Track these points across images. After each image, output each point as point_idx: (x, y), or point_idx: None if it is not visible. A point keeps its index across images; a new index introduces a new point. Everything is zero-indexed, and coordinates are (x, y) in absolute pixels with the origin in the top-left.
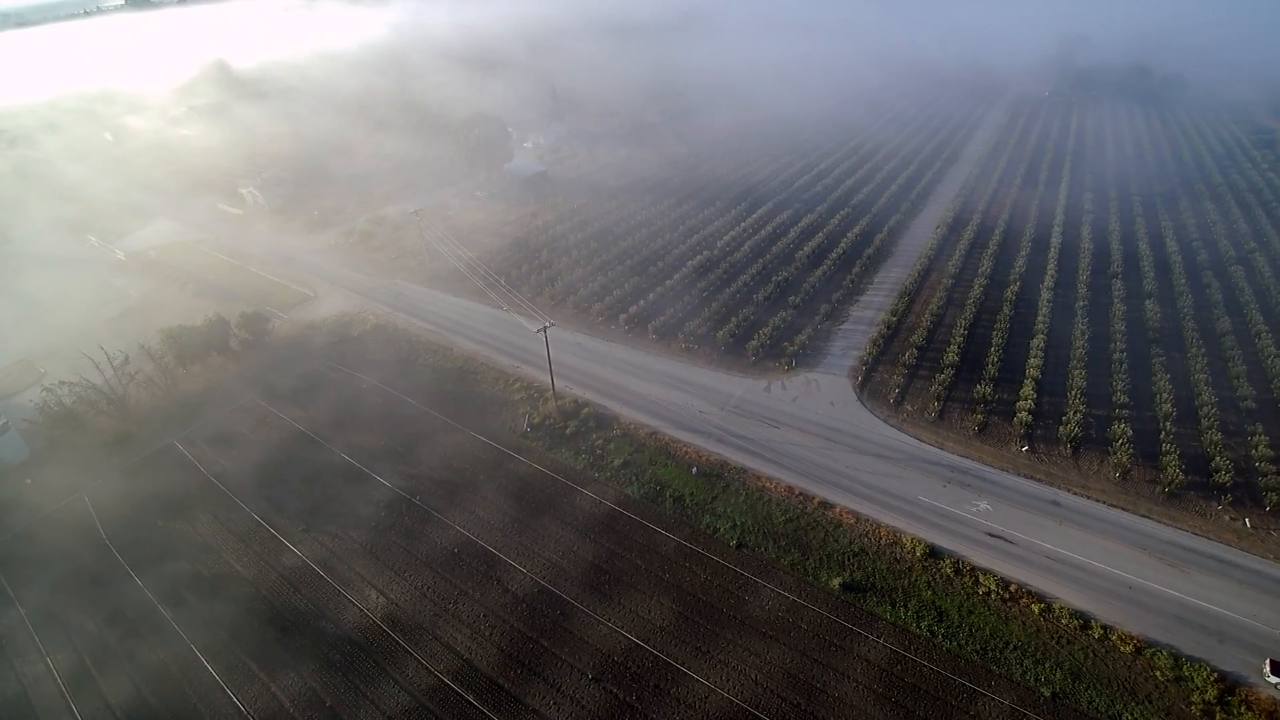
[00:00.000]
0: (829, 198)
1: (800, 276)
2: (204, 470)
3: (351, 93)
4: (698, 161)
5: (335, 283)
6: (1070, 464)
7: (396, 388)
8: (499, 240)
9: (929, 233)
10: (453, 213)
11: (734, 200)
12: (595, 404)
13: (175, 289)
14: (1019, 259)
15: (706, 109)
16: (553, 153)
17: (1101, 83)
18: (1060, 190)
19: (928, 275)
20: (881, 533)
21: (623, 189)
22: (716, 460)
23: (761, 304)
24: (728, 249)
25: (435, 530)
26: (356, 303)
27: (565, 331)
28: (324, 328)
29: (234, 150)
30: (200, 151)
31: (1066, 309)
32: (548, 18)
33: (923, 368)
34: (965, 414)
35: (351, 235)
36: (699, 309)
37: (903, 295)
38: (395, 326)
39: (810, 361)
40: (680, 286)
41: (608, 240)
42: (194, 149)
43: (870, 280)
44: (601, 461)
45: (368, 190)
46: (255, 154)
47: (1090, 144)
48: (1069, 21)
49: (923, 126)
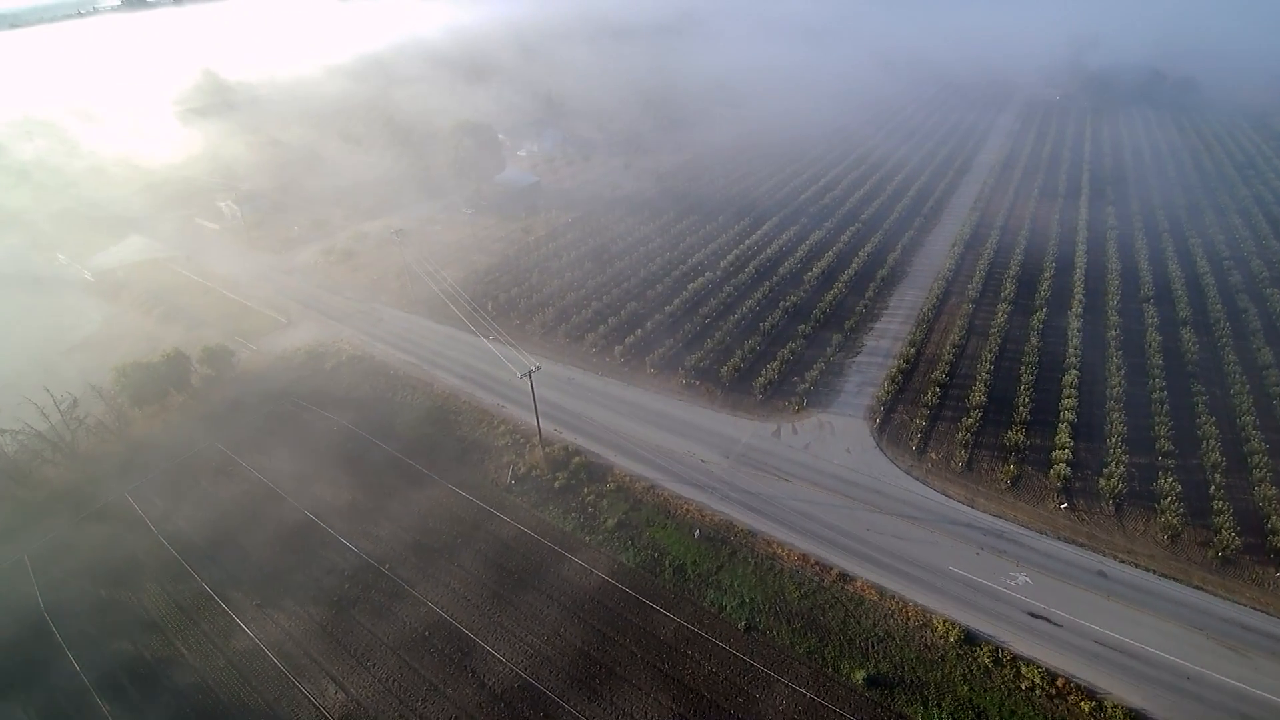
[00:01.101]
0: (837, 212)
1: (810, 301)
2: (154, 529)
3: (337, 100)
4: (699, 171)
5: (310, 306)
6: (1114, 524)
7: (370, 430)
8: (488, 259)
9: (944, 250)
10: (440, 228)
11: (737, 214)
12: (587, 451)
13: (141, 313)
14: (1043, 281)
15: (707, 115)
16: (547, 162)
17: (1114, 86)
18: (1080, 202)
19: (946, 299)
20: (909, 613)
21: (620, 201)
22: (721, 521)
23: (768, 333)
24: (731, 269)
25: (405, 607)
26: (332, 330)
27: (556, 364)
28: (295, 360)
29: (214, 160)
30: (180, 162)
31: (1098, 339)
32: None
33: (946, 408)
34: (996, 464)
35: (331, 253)
36: (701, 339)
37: (920, 322)
38: (372, 358)
39: (823, 400)
40: (680, 312)
41: (603, 260)
42: (173, 159)
43: (885, 304)
44: (593, 522)
45: (352, 203)
46: (235, 164)
47: (1107, 151)
48: (1077, 23)
49: (932, 133)
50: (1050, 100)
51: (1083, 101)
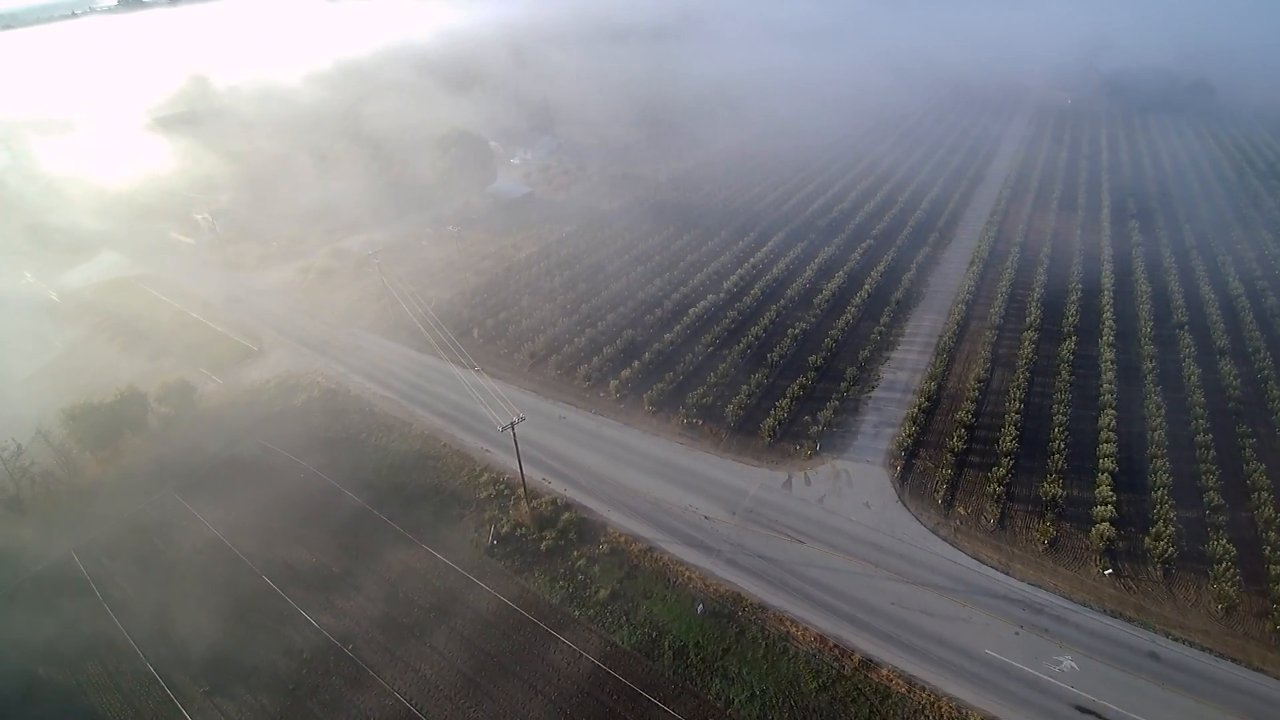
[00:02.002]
0: (847, 227)
1: (820, 327)
2: (99, 594)
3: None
4: (700, 181)
5: (284, 332)
6: (1163, 592)
7: (341, 479)
8: (476, 278)
9: (961, 270)
10: (427, 244)
11: (740, 230)
12: (577, 506)
13: (105, 339)
14: (1070, 305)
15: (708, 121)
16: (541, 171)
17: (1128, 90)
18: (1102, 216)
19: (966, 326)
20: (943, 708)
21: (617, 214)
22: (728, 592)
23: (776, 365)
24: (735, 292)
25: (368, 697)
26: (305, 360)
27: (545, 401)
28: (264, 394)
29: (192, 170)
30: (157, 172)
31: (1133, 371)
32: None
33: (974, 452)
34: (1031, 520)
35: (308, 272)
36: (703, 371)
37: (941, 352)
38: (347, 393)
39: (838, 444)
40: (681, 342)
41: (598, 281)
42: (150, 168)
43: (901, 331)
44: (584, 592)
45: (335, 216)
46: (214, 175)
47: (1125, 160)
48: (1086, 23)
49: (942, 140)
50: (1062, 104)
51: (1096, 106)
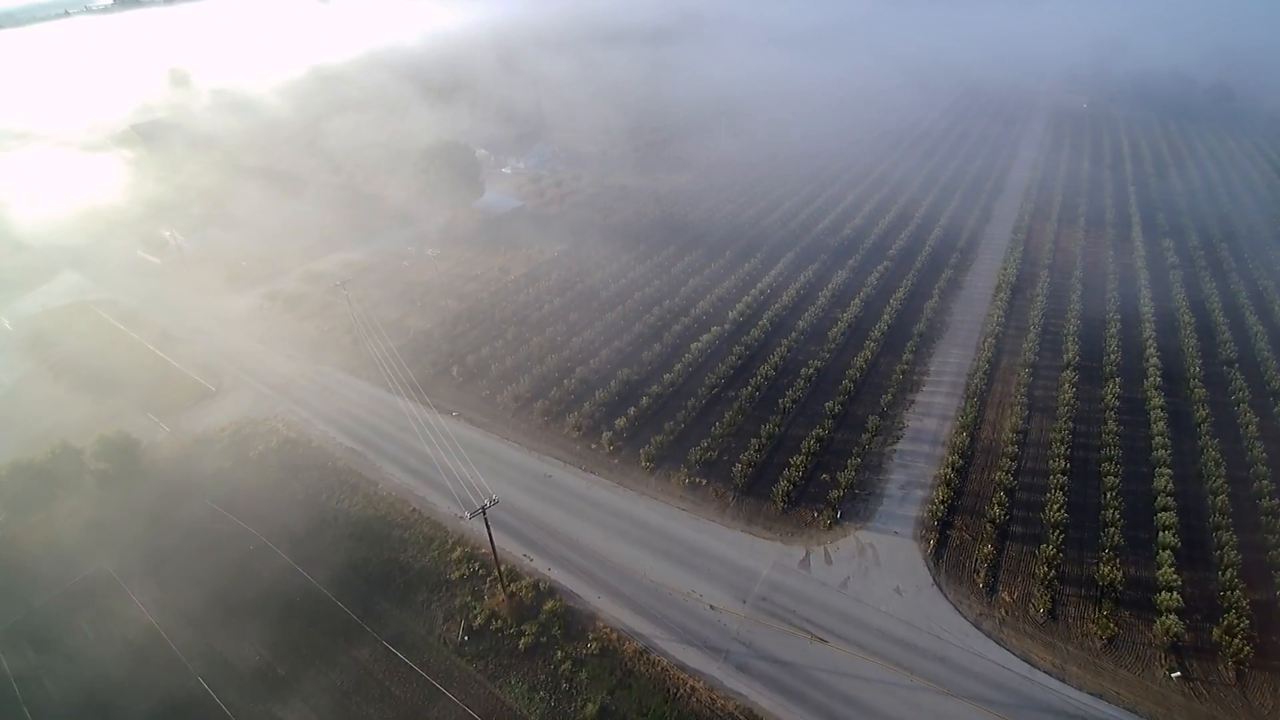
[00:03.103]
0: (860, 246)
1: (836, 365)
2: (19, 692)
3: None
4: (701, 192)
5: (246, 369)
6: (1238, 700)
7: (295, 552)
8: (458, 304)
9: (987, 297)
10: (408, 264)
11: (746, 250)
12: (563, 590)
13: (53, 375)
14: (1109, 339)
15: (710, 128)
16: (533, 183)
17: (1145, 94)
18: (1133, 234)
19: (997, 362)
20: None
21: (613, 231)
22: (740, 708)
23: (789, 412)
24: (742, 322)
25: None
26: (265, 403)
27: (529, 456)
28: (217, 444)
29: (165, 181)
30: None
31: (1184, 419)
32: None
33: (1016, 521)
34: (1086, 609)
35: (276, 298)
36: (707, 418)
37: (971, 396)
38: (308, 443)
39: (861, 510)
40: (682, 382)
41: (591, 309)
42: (121, 179)
43: (925, 369)
44: (568, 706)
45: (311, 232)
46: (187, 187)
47: (1150, 169)
48: (1097, 25)
49: (956, 148)
50: (1078, 109)
51: (1113, 111)
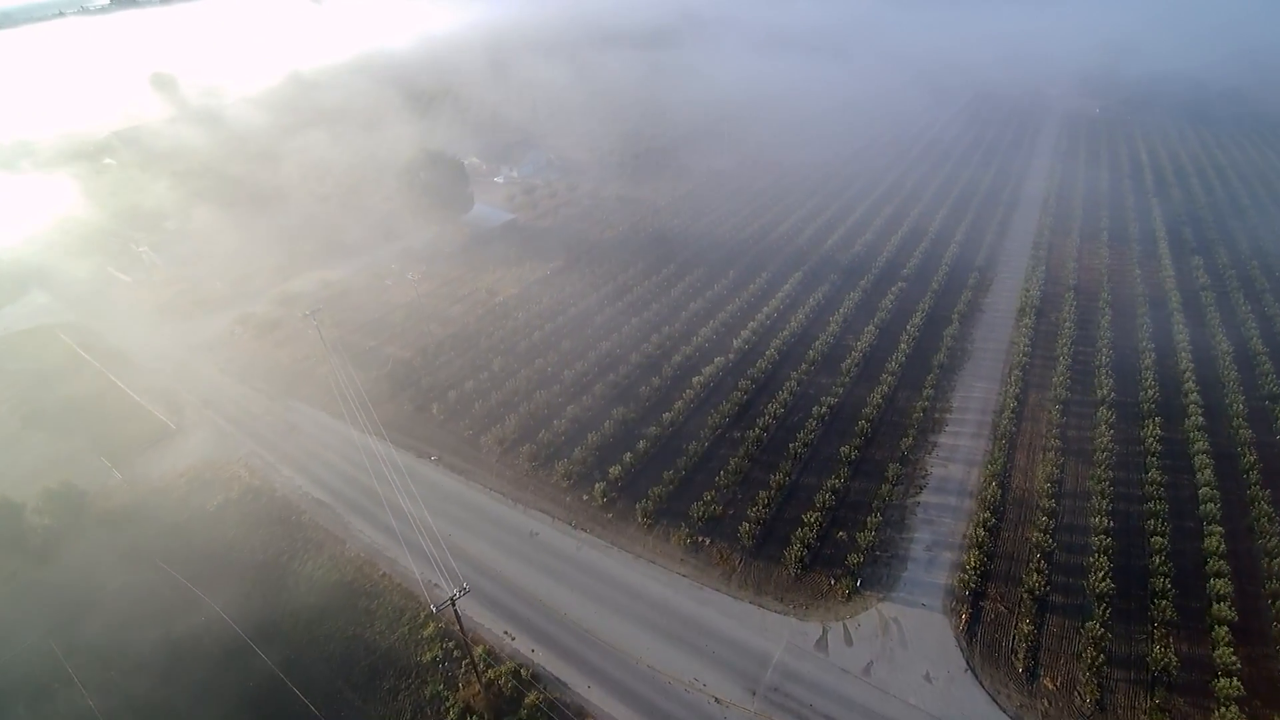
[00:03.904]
0: (873, 266)
1: (851, 402)
2: None
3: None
4: (702, 204)
5: (210, 403)
6: None
7: (249, 626)
8: (443, 331)
9: (1010, 322)
10: (391, 283)
11: (750, 269)
12: (548, 678)
13: (7, 410)
14: (1144, 370)
15: (711, 135)
16: (526, 194)
17: (1158, 98)
18: (1159, 251)
19: (1025, 397)
20: None
21: (609, 247)
22: None
23: (800, 457)
24: (747, 351)
25: None
26: (228, 444)
27: (514, 510)
28: (174, 493)
29: (145, 191)
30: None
31: (1231, 464)
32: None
33: (1056, 587)
34: (1137, 696)
35: (248, 323)
36: (710, 466)
37: (999, 437)
38: (272, 493)
39: (883, 577)
40: (683, 422)
41: (585, 336)
42: (101, 189)
43: (948, 405)
44: None
45: (290, 248)
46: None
47: (1171, 179)
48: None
49: (967, 156)
50: (1090, 114)
51: (1126, 116)
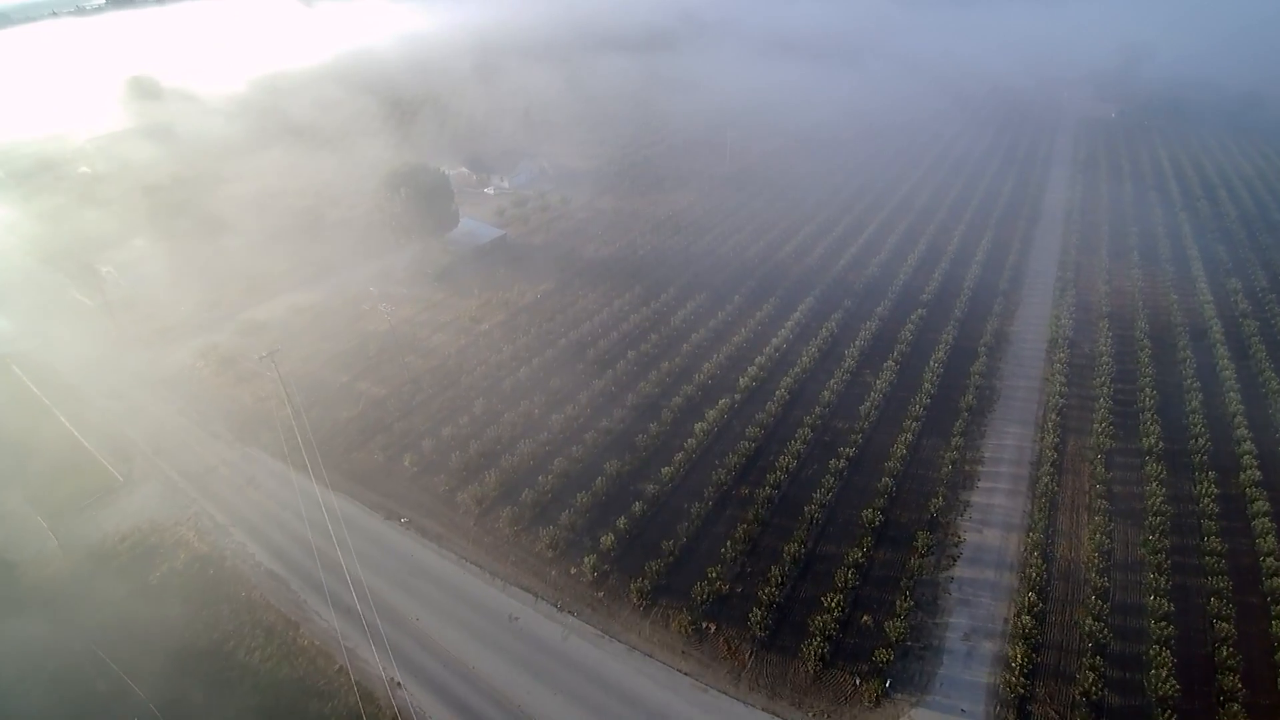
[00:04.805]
0: (889, 290)
1: (871, 453)
2: None
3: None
4: (704, 217)
5: (162, 450)
6: None
7: None
8: (422, 364)
9: (1041, 354)
10: (368, 308)
11: (757, 293)
12: None
13: None
14: (1192, 414)
15: (713, 143)
16: (517, 206)
17: (1177, 103)
18: (1194, 272)
19: (1064, 446)
20: None
21: (604, 267)
22: None
23: (816, 522)
24: (755, 389)
25: None
26: (178, 500)
27: (491, 586)
28: (114, 561)
29: (117, 204)
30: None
31: None
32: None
33: (1112, 688)
34: None
35: (210, 356)
36: (714, 532)
37: (1039, 496)
38: (221, 563)
39: (915, 674)
40: (682, 479)
41: (576, 373)
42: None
43: (978, 455)
44: None
45: (261, 269)
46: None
47: (1197, 189)
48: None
49: (983, 164)
50: (1106, 118)
51: (1145, 121)
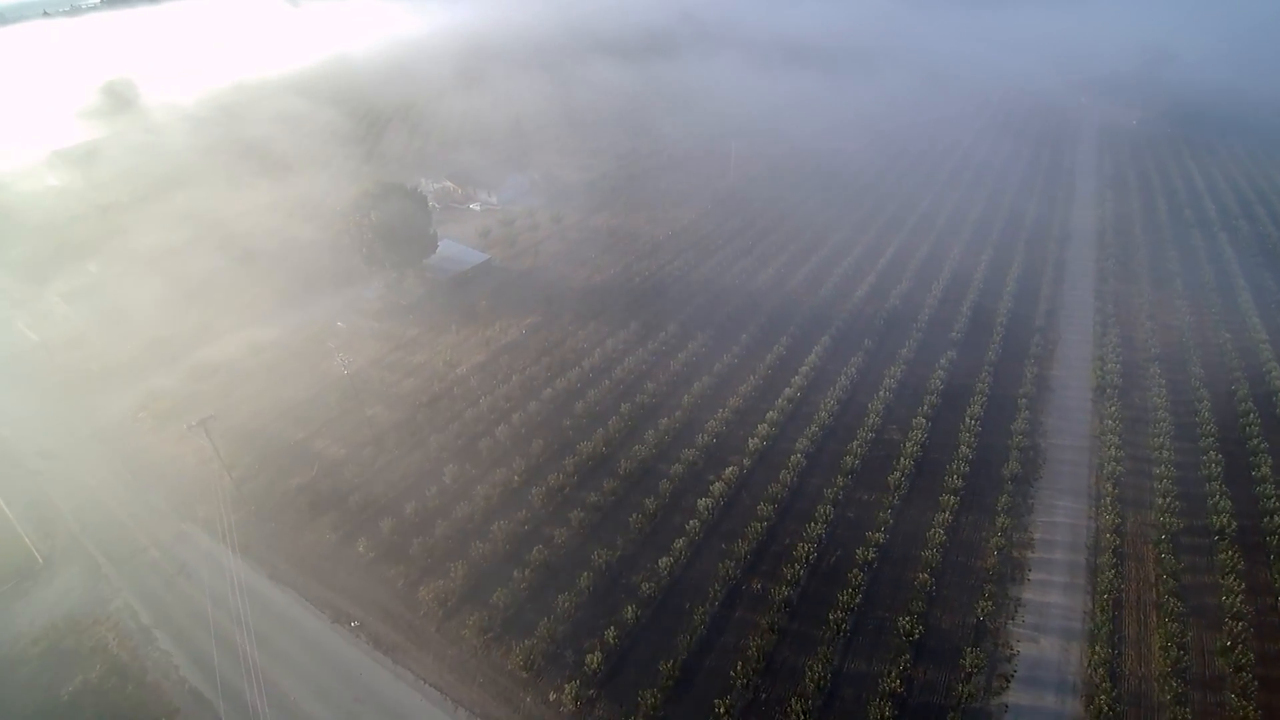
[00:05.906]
0: (914, 325)
1: (902, 539)
2: None
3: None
4: (707, 238)
5: (89, 525)
6: None
7: None
8: (388, 415)
9: (1086, 407)
10: (335, 345)
11: (766, 331)
12: None
13: None
14: (1262, 483)
15: (715, 154)
16: (505, 225)
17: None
18: (1241, 303)
19: (1123, 527)
20: None
21: (597, 297)
22: None
23: (842, 630)
24: (765, 454)
25: None
26: (101, 590)
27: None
28: (21, 669)
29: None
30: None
31: None
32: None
33: None
34: None
35: (155, 406)
36: (721, 643)
37: (1100, 593)
38: (142, 678)
39: None
40: (682, 570)
41: (561, 431)
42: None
43: (1027, 540)
44: None
45: (221, 300)
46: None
47: (1233, 205)
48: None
49: (1004, 179)
50: (1128, 126)
51: (1168, 130)
